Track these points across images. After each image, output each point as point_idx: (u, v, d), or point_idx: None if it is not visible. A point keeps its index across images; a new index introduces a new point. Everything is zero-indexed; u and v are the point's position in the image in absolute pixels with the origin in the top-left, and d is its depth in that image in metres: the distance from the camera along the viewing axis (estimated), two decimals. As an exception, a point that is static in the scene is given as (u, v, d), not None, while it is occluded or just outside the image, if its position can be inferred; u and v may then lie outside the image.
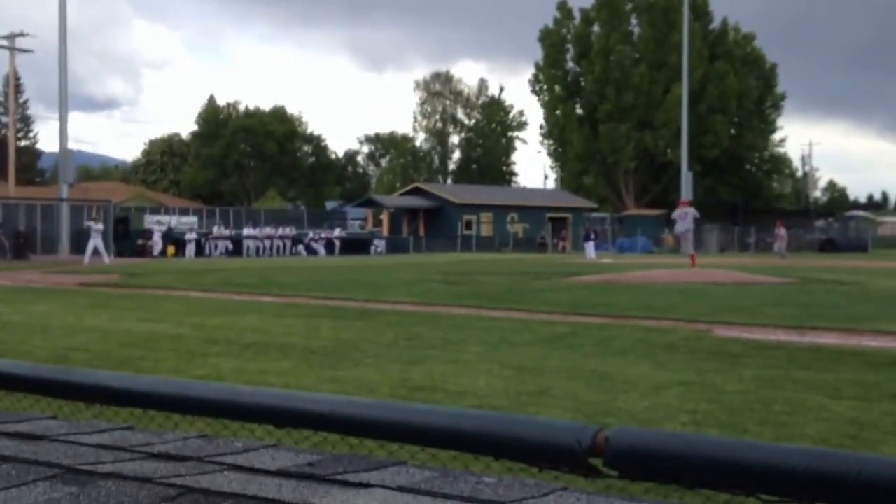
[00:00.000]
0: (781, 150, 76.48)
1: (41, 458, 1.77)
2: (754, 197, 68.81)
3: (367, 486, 1.57)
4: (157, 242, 40.41)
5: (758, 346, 9.26)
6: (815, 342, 9.55)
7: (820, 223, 66.13)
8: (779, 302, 14.60)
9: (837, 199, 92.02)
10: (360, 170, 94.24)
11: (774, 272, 23.62)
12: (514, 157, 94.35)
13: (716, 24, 68.78)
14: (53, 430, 2.02)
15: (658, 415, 5.79)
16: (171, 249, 40.78)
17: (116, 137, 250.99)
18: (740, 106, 66.06)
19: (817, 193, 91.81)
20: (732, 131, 67.38)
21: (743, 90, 65.62)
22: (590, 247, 40.80)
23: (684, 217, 23.36)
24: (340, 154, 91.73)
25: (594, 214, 61.42)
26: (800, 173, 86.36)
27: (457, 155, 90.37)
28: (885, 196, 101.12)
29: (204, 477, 1.63)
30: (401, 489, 1.55)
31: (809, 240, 58.18)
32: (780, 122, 72.93)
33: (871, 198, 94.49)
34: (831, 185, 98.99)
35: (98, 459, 1.76)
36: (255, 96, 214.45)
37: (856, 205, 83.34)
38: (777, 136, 73.82)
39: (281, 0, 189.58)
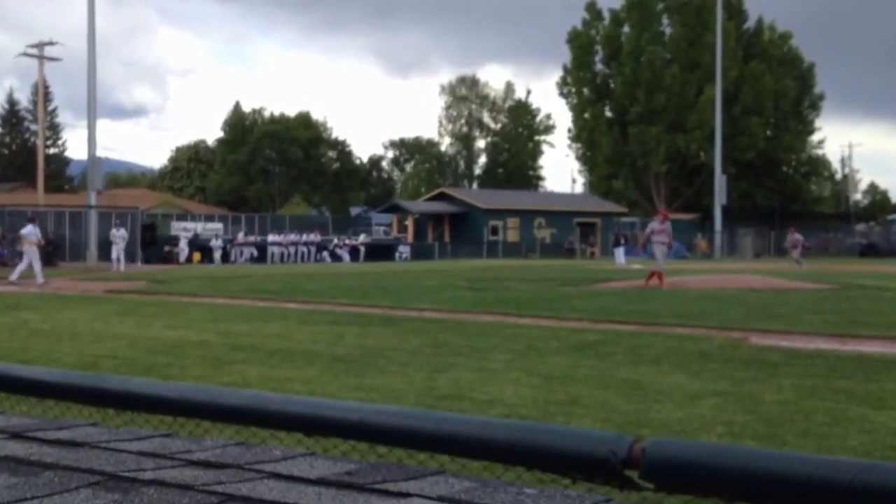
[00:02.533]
0: (820, 151, 75.12)
1: (83, 465, 1.78)
2: (791, 200, 67.81)
3: (406, 495, 1.57)
4: (183, 249, 40.69)
5: (796, 354, 9.01)
6: (857, 350, 9.29)
7: (860, 227, 65.08)
8: (818, 309, 14.27)
9: (879, 203, 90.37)
10: (385, 175, 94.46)
11: (812, 278, 23.19)
12: (542, 161, 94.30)
13: (750, 23, 67.80)
14: (94, 437, 2.04)
15: (693, 426, 5.62)
16: (196, 256, 41.10)
17: (144, 145, 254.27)
18: (776, 107, 65.04)
19: (858, 196, 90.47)
20: (768, 133, 66.31)
21: (779, 90, 64.62)
22: (619, 252, 40.43)
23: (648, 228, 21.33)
24: (365, 159, 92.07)
25: (624, 219, 60.96)
26: (839, 176, 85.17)
27: (483, 159, 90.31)
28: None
29: (244, 485, 1.65)
30: (441, 499, 1.55)
31: (850, 244, 57.29)
32: (818, 123, 71.64)
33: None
34: (872, 188, 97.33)
35: (139, 466, 1.77)
36: (280, 102, 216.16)
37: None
38: (815, 137, 72.48)
39: (306, 6, 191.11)
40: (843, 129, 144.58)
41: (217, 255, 41.15)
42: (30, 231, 23.39)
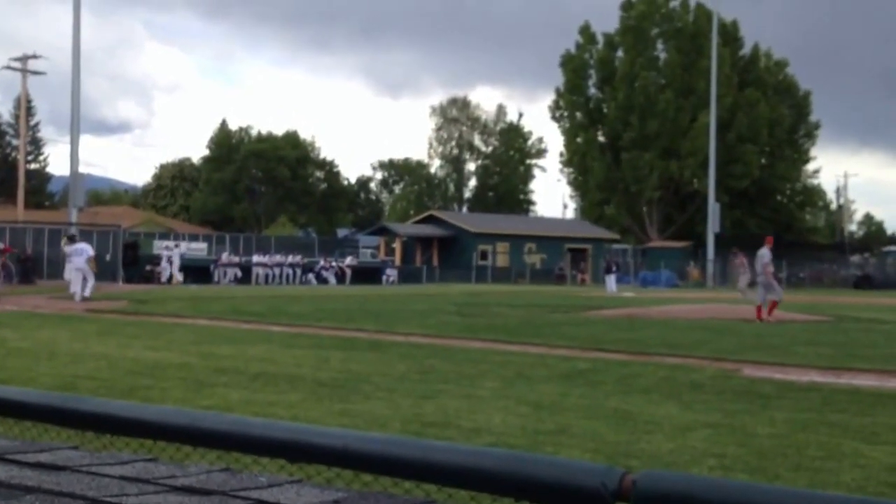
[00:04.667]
0: (815, 181, 75.68)
1: (65, 490, 1.74)
2: (786, 230, 67.97)
3: None
4: (165, 268, 40.36)
5: (790, 386, 8.93)
6: (852, 384, 9.22)
7: (855, 258, 65.19)
8: (812, 341, 14.21)
9: (874, 234, 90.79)
10: (373, 197, 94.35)
11: (806, 310, 23.14)
12: (533, 185, 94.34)
13: (746, 49, 68.24)
14: (76, 461, 2.00)
15: (684, 458, 5.55)
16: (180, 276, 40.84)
17: (127, 161, 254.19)
18: (771, 135, 65.31)
19: (853, 227, 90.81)
20: (763, 161, 66.60)
21: (774, 118, 64.95)
22: (611, 280, 40.38)
23: (760, 258, 19.98)
24: (353, 180, 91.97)
25: (615, 246, 61.02)
26: (834, 206, 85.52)
27: (473, 182, 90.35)
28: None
29: None
30: None
31: (844, 275, 57.32)
32: (813, 152, 72.00)
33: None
34: (868, 219, 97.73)
35: (122, 491, 1.73)
36: (267, 121, 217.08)
37: (893, 239, 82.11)
38: (810, 166, 72.95)
39: (294, 24, 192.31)
40: (839, 158, 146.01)
41: (168, 271, 40.44)
42: (83, 248, 24.00)
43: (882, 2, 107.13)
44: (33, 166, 71.84)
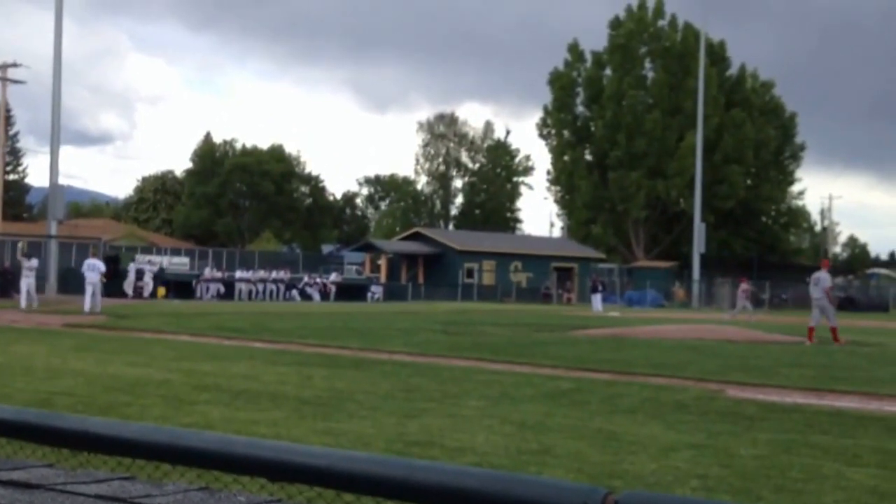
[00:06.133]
0: (800, 202, 76.03)
1: None
2: (770, 251, 68.32)
3: None
4: (147, 283, 39.97)
5: (773, 408, 8.96)
6: (834, 405, 9.25)
7: (839, 280, 65.44)
8: (795, 362, 14.27)
9: (858, 256, 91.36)
10: (359, 213, 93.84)
11: (790, 331, 23.21)
12: (520, 203, 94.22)
13: (733, 70, 68.67)
14: (50, 479, 1.98)
15: (667, 478, 5.56)
16: (161, 291, 40.46)
17: (108, 173, 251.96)
18: (757, 156, 65.67)
19: (837, 249, 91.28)
20: (748, 182, 66.84)
21: (760, 140, 65.31)
22: (596, 299, 40.44)
23: (816, 282, 19.92)
24: (339, 196, 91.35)
25: (602, 265, 61.10)
26: (819, 228, 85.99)
27: (459, 199, 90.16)
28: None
29: None
30: None
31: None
32: (798, 173, 72.41)
33: (892, 255, 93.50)
34: (852, 241, 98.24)
35: None
36: (252, 134, 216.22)
37: (877, 262, 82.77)
38: (795, 188, 73.32)
39: (281, 37, 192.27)
40: (824, 181, 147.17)
41: (151, 286, 40.07)
42: (96, 264, 24.91)
43: (868, 26, 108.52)
44: (12, 177, 70.77)
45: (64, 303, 29.53)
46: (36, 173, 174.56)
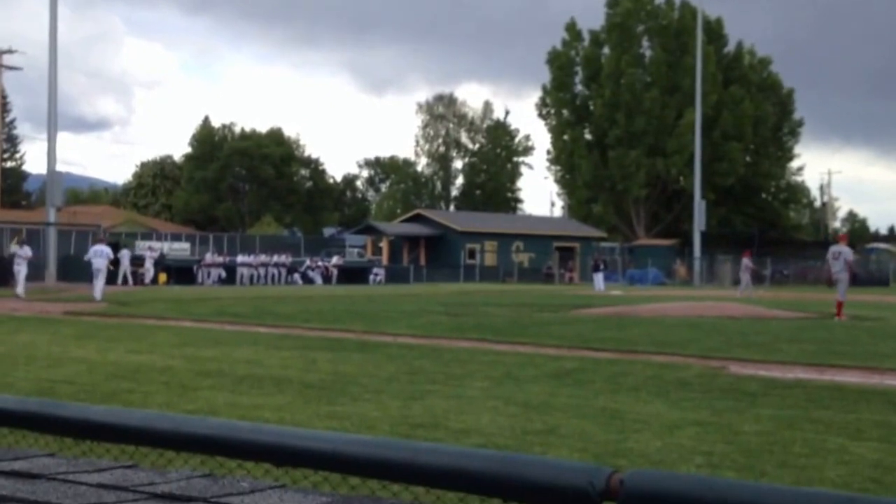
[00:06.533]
0: (799, 178, 75.94)
1: (40, 499, 1.72)
2: (770, 227, 68.25)
3: None
4: (148, 269, 39.85)
5: (775, 384, 8.97)
6: (835, 380, 9.24)
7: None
8: (796, 338, 14.28)
9: (857, 231, 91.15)
10: (360, 195, 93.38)
11: (790, 307, 23.25)
12: (520, 183, 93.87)
13: (730, 47, 68.49)
14: (52, 469, 1.97)
15: (671, 456, 5.57)
16: (162, 277, 40.44)
17: (106, 159, 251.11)
18: (756, 133, 65.61)
19: (836, 224, 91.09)
20: (748, 159, 66.84)
21: (759, 116, 65.22)
22: (598, 278, 40.46)
23: (836, 256, 20.00)
24: (339, 179, 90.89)
25: (603, 244, 61.13)
26: (818, 203, 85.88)
27: (460, 180, 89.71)
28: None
29: None
30: None
31: (828, 272, 57.48)
32: (797, 149, 72.47)
33: (892, 229, 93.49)
34: (851, 216, 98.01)
35: (100, 500, 1.71)
36: (251, 118, 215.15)
37: (876, 237, 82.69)
38: (794, 164, 73.31)
39: (279, 20, 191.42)
40: (822, 156, 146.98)
41: (152, 272, 39.96)
42: (103, 250, 25.22)
43: (865, 1, 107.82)
44: (9, 164, 70.47)
45: (64, 290, 29.51)
46: (33, 160, 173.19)
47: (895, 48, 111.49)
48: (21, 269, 26.32)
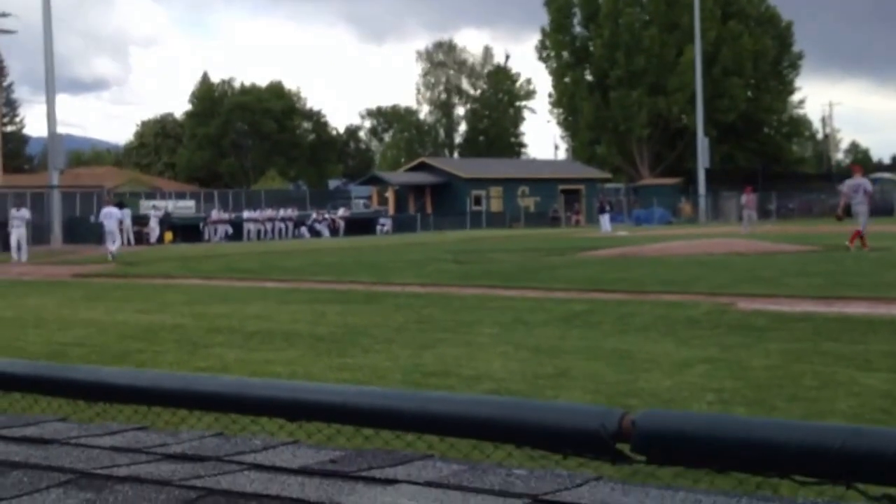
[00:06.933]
0: (801, 111, 75.19)
1: (53, 464, 1.72)
2: (774, 162, 67.82)
3: (393, 481, 1.55)
4: (153, 228, 39.80)
5: (783, 318, 8.98)
6: (843, 312, 9.25)
7: (843, 188, 65.19)
8: (803, 271, 14.27)
9: (860, 162, 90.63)
10: (363, 146, 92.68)
11: (797, 240, 23.22)
12: (523, 127, 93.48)
13: (728, -19, 67.46)
14: (63, 434, 1.98)
15: (682, 394, 5.60)
16: (168, 235, 40.42)
17: (106, 119, 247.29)
18: (756, 67, 64.89)
19: (839, 156, 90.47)
20: (749, 94, 66.24)
21: (758, 51, 64.44)
22: (605, 219, 40.39)
23: (856, 189, 19.83)
24: (342, 130, 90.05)
25: (608, 185, 60.92)
26: (820, 135, 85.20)
27: (463, 127, 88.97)
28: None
29: (224, 477, 1.62)
30: (429, 484, 1.53)
31: (832, 205, 57.18)
32: (797, 82, 71.67)
33: (894, 159, 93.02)
34: (853, 147, 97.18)
35: (113, 462, 1.71)
36: (250, 72, 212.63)
37: (880, 166, 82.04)
38: (795, 97, 72.47)
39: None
40: (823, 88, 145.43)
41: (157, 231, 39.83)
42: (112, 212, 25.79)
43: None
44: (9, 129, 69.87)
45: (70, 252, 29.55)
46: (33, 124, 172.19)
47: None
48: (20, 232, 25.83)
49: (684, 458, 1.59)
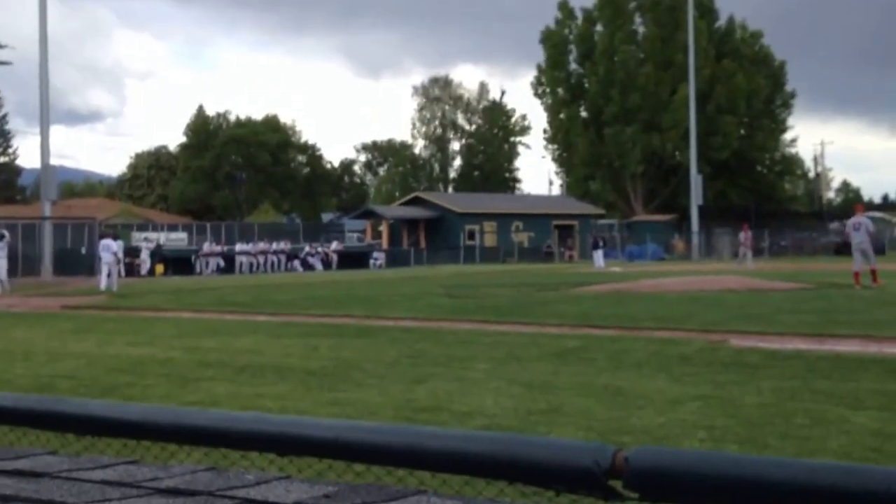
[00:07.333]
0: (793, 150, 75.84)
1: (44, 497, 1.72)
2: (766, 199, 68.25)
3: None
4: (144, 261, 39.76)
5: (775, 355, 8.99)
6: (834, 350, 9.27)
7: (834, 225, 65.37)
8: (795, 309, 14.31)
9: (852, 201, 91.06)
10: (358, 180, 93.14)
11: (788, 278, 23.28)
12: (518, 162, 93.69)
13: (722, 21, 68.43)
14: (54, 467, 1.97)
15: (675, 431, 5.60)
16: (159, 268, 40.31)
17: (100, 151, 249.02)
18: (749, 105, 65.60)
19: (831, 194, 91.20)
20: (742, 132, 66.91)
21: (751, 89, 65.16)
22: (598, 255, 40.50)
23: (857, 227, 20.10)
24: (336, 164, 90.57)
25: (601, 221, 61.12)
26: (812, 174, 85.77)
27: (458, 162, 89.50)
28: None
29: None
30: None
31: (824, 243, 57.50)
32: (790, 121, 72.25)
33: (885, 198, 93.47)
34: (845, 186, 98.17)
35: (104, 497, 1.72)
36: (246, 106, 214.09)
37: (871, 205, 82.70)
38: (788, 135, 73.17)
39: (270, 6, 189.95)
40: (815, 126, 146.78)
41: (148, 263, 39.70)
42: (109, 245, 25.80)
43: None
44: (3, 160, 70.06)
45: (61, 284, 29.36)
46: (27, 155, 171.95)
47: (883, 15, 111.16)
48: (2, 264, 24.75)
49: (677, 495, 1.60)
